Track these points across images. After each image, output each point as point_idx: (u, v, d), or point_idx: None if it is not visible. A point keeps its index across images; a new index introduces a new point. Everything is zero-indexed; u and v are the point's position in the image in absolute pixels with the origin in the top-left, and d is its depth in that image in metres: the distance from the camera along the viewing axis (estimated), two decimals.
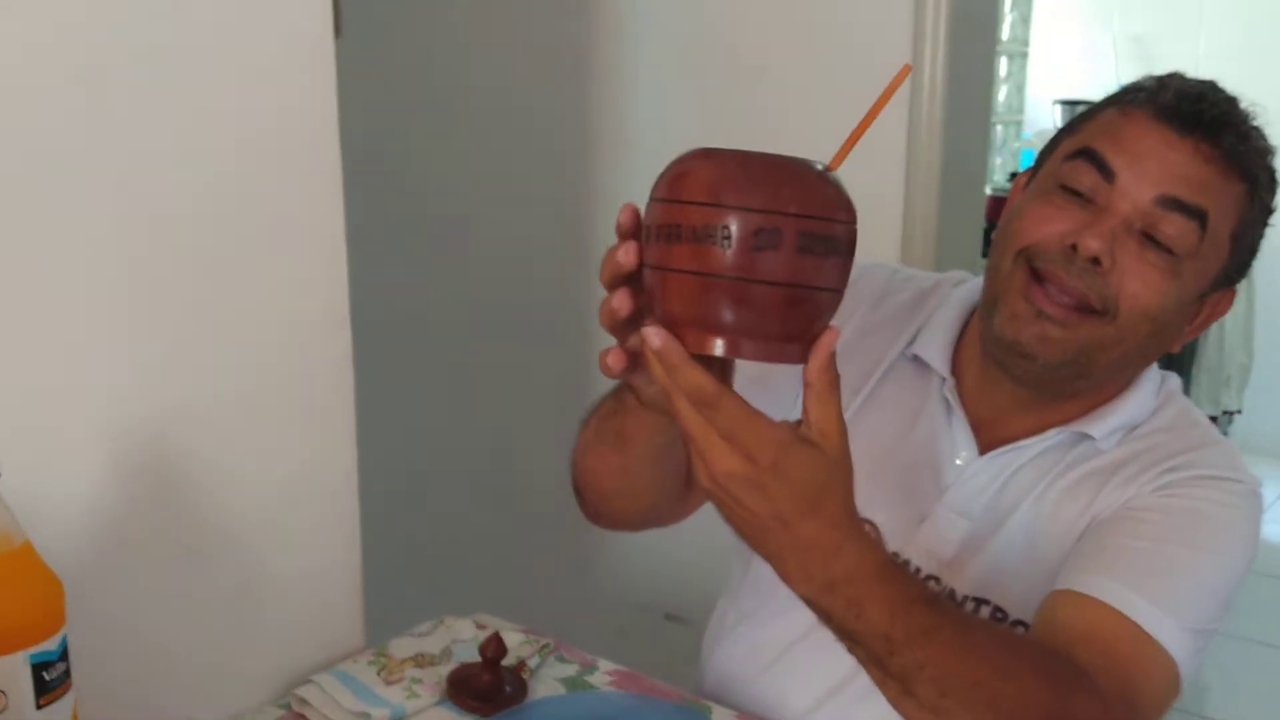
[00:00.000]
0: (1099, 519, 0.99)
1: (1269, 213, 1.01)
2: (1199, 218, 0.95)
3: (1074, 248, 0.95)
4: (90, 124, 0.88)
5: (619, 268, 0.72)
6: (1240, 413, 3.78)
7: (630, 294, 0.72)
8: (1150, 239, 0.95)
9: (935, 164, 1.70)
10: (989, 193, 2.41)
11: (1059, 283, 0.95)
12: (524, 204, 2.15)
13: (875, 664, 0.78)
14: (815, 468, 0.70)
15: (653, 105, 1.99)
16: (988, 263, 1.03)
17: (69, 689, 0.79)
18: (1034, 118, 4.32)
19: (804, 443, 0.70)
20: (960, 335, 1.08)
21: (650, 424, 0.85)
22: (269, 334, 1.04)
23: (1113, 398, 1.04)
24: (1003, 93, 4.23)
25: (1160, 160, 0.95)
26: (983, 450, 1.05)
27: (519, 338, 2.20)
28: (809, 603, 0.76)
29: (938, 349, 1.08)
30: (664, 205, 0.68)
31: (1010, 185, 1.12)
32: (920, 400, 1.08)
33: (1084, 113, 1.04)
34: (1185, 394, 1.10)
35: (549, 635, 1.18)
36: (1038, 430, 1.03)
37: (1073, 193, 0.97)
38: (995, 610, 1.01)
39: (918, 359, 1.09)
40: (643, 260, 0.70)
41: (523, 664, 1.12)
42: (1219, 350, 3.61)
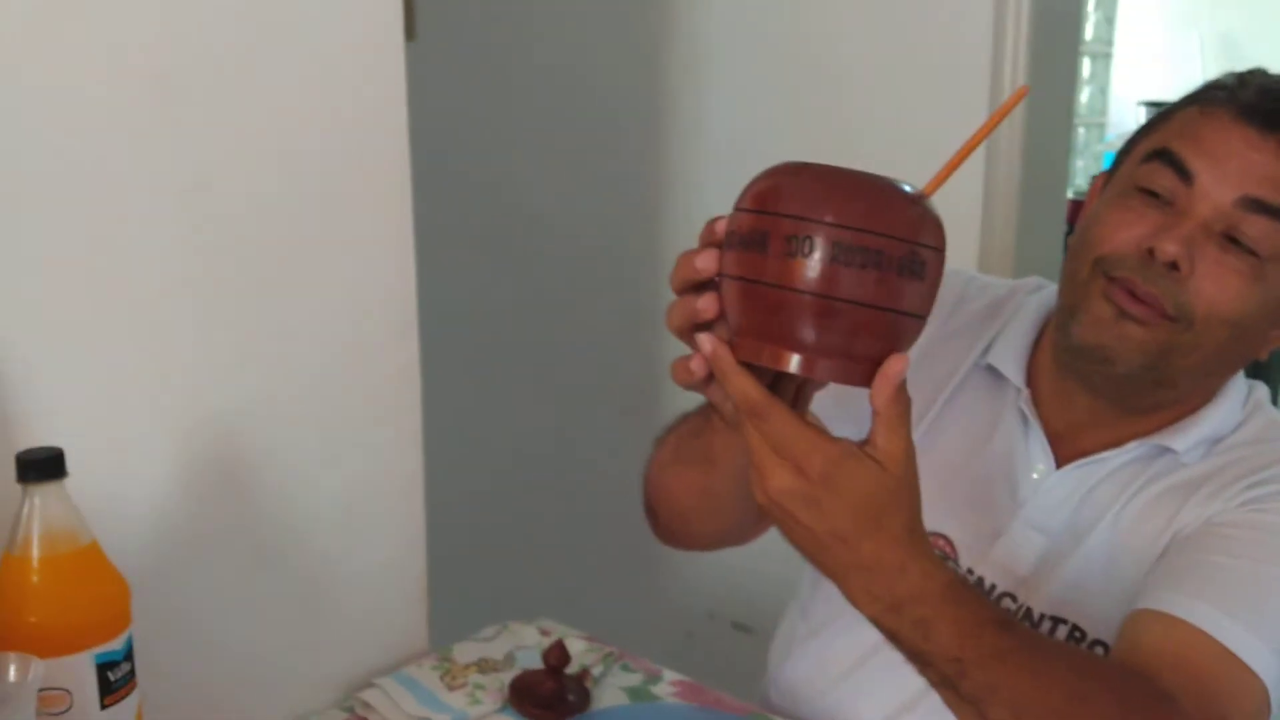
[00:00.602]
0: (1181, 535, 0.95)
1: None
2: None
3: (1151, 252, 0.92)
4: (163, 127, 0.89)
5: (696, 274, 0.71)
6: None
7: (717, 297, 0.71)
8: (1232, 241, 0.92)
9: (1015, 168, 1.66)
10: (1070, 196, 2.36)
11: (1134, 288, 0.92)
12: (595, 206, 2.15)
13: (948, 686, 0.76)
14: (873, 483, 0.69)
15: (726, 107, 1.97)
16: (1064, 269, 1.00)
17: (133, 689, 0.79)
18: (1118, 119, 4.23)
19: (859, 458, 0.69)
20: (1035, 344, 1.06)
21: (738, 443, 0.83)
22: (338, 335, 1.05)
23: (1196, 409, 1.00)
24: (1085, 94, 4.15)
25: (1242, 161, 0.91)
26: (1060, 463, 1.02)
27: (588, 340, 2.19)
28: (875, 623, 0.74)
29: (1012, 359, 1.05)
30: (748, 215, 0.67)
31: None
32: (996, 412, 1.05)
33: (1162, 112, 1.00)
34: (1276, 404, 1.06)
35: (613, 640, 1.17)
36: (1117, 443, 1.00)
37: (1150, 194, 0.94)
38: (1073, 629, 0.98)
39: (992, 369, 1.06)
40: (720, 269, 0.69)
41: (586, 672, 1.10)
42: None
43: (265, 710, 1.04)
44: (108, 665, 0.77)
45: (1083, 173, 4.12)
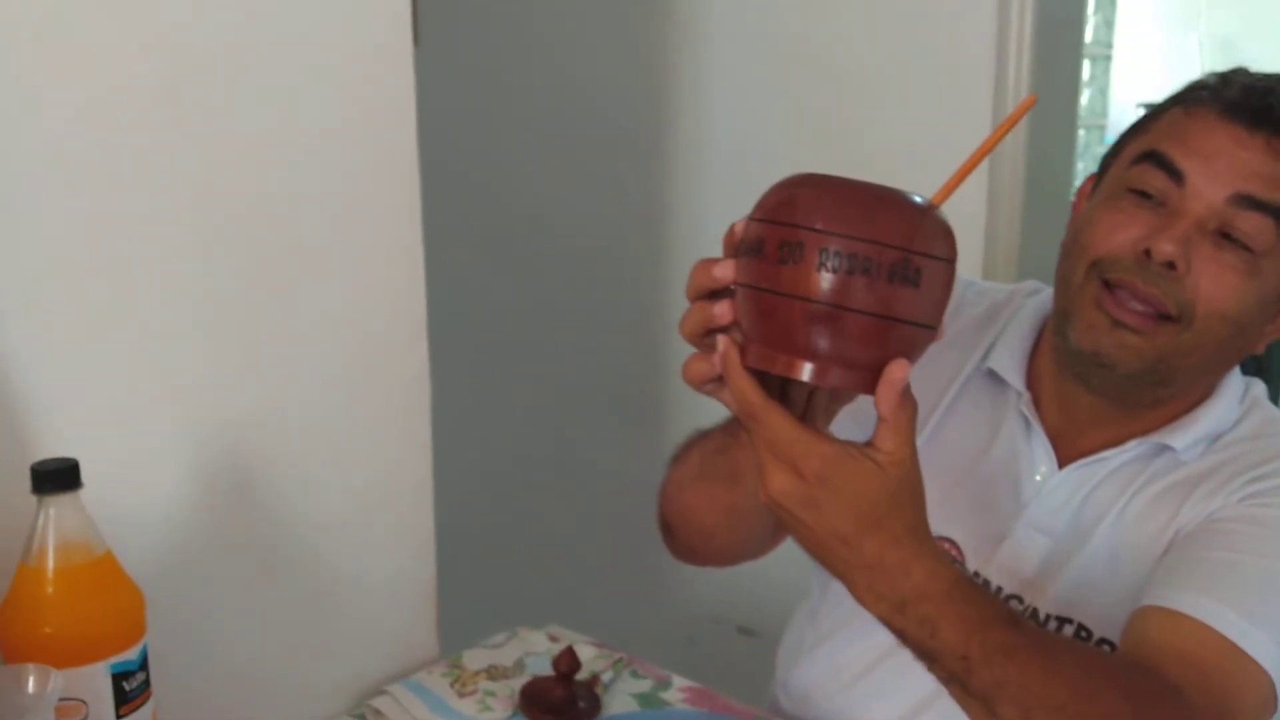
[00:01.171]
0: (1184, 532, 0.96)
1: None
2: (1275, 214, 0.92)
3: (1147, 253, 0.92)
4: (172, 134, 0.89)
5: (714, 282, 0.71)
6: None
7: (732, 304, 0.71)
8: (1227, 238, 0.92)
9: (1019, 172, 1.67)
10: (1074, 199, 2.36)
11: (1133, 289, 0.93)
12: (598, 209, 2.15)
13: (956, 683, 0.77)
14: (870, 484, 0.70)
15: (729, 110, 1.97)
16: (1058, 273, 1.01)
17: (149, 699, 0.80)
18: (1118, 121, 4.23)
19: (856, 458, 0.70)
20: (1035, 347, 1.07)
21: None
22: (347, 343, 1.05)
23: (1194, 406, 1.01)
24: (1086, 96, 4.16)
25: (1230, 159, 0.92)
26: (1062, 464, 1.02)
27: (594, 345, 2.19)
28: (883, 621, 0.75)
29: (1012, 363, 1.06)
30: (760, 225, 0.68)
31: None
32: (997, 415, 1.06)
33: (1148, 114, 1.01)
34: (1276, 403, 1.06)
35: (618, 645, 1.17)
36: (1117, 442, 1.01)
37: (1142, 195, 0.95)
38: (1079, 629, 0.98)
39: (992, 373, 1.07)
40: (735, 278, 0.70)
41: (596, 678, 1.11)
42: None
43: (276, 717, 1.04)
44: (123, 675, 0.77)
45: (1083, 175, 4.12)
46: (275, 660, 1.04)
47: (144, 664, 0.79)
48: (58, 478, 0.74)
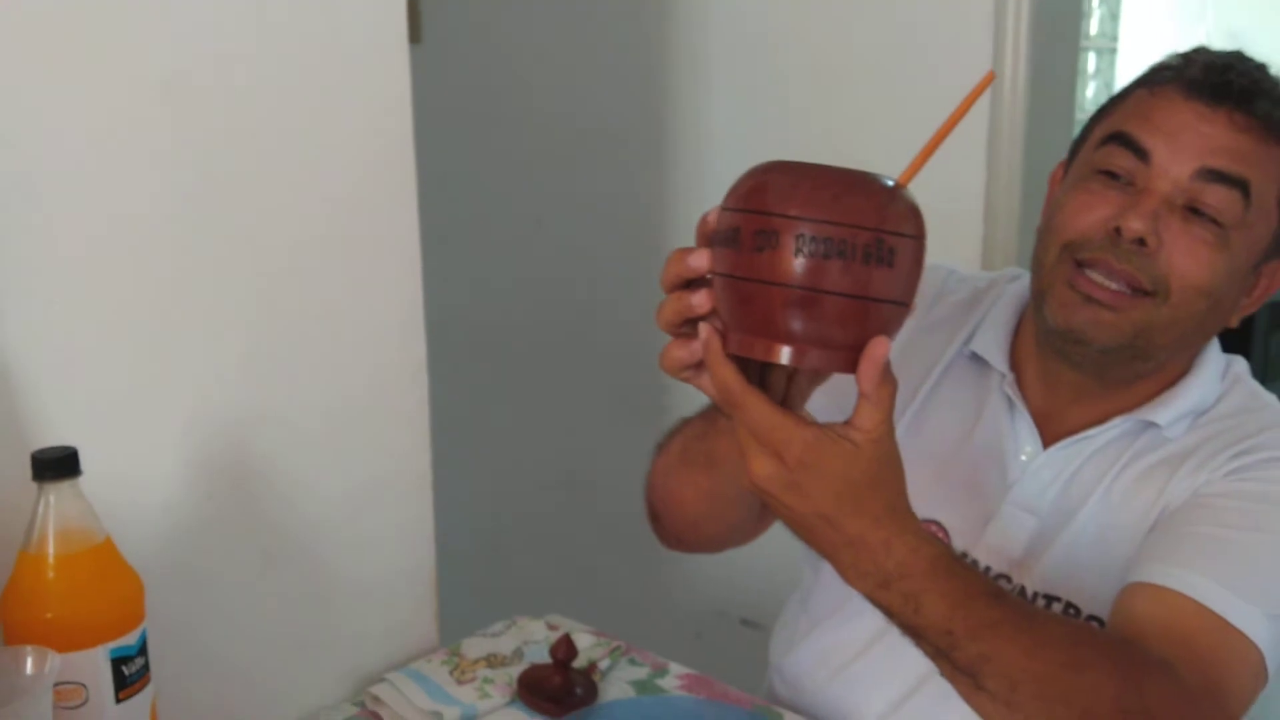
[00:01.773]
0: (1170, 508, 0.97)
1: None
2: (1241, 187, 0.93)
3: (1118, 231, 0.94)
4: (170, 132, 0.91)
5: (689, 272, 0.72)
6: None
7: (710, 293, 0.72)
8: (1195, 212, 0.94)
9: (1017, 166, 1.67)
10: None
11: (1108, 267, 0.95)
12: (599, 208, 2.16)
13: (942, 658, 0.78)
14: (850, 464, 0.71)
15: (730, 108, 1.98)
16: (1033, 257, 1.03)
17: (148, 683, 0.81)
18: None
19: (834, 440, 0.71)
20: (1017, 330, 1.08)
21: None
22: (346, 340, 1.06)
23: (1175, 381, 1.02)
24: (1091, 89, 4.15)
25: (1194, 134, 0.94)
26: (1047, 444, 1.03)
27: (592, 340, 2.20)
28: (868, 598, 0.76)
29: (995, 345, 1.07)
30: (733, 214, 0.69)
31: None
32: (981, 398, 1.07)
33: (1114, 97, 1.03)
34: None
35: (622, 639, 1.18)
36: (1101, 420, 1.02)
37: (1110, 176, 0.97)
38: (1068, 606, 0.99)
39: (976, 356, 1.08)
40: (711, 267, 0.71)
41: (594, 666, 1.12)
42: None
43: (278, 705, 1.05)
44: (122, 660, 0.78)
45: None
46: (277, 649, 1.05)
47: (143, 649, 0.80)
48: (57, 465, 0.76)
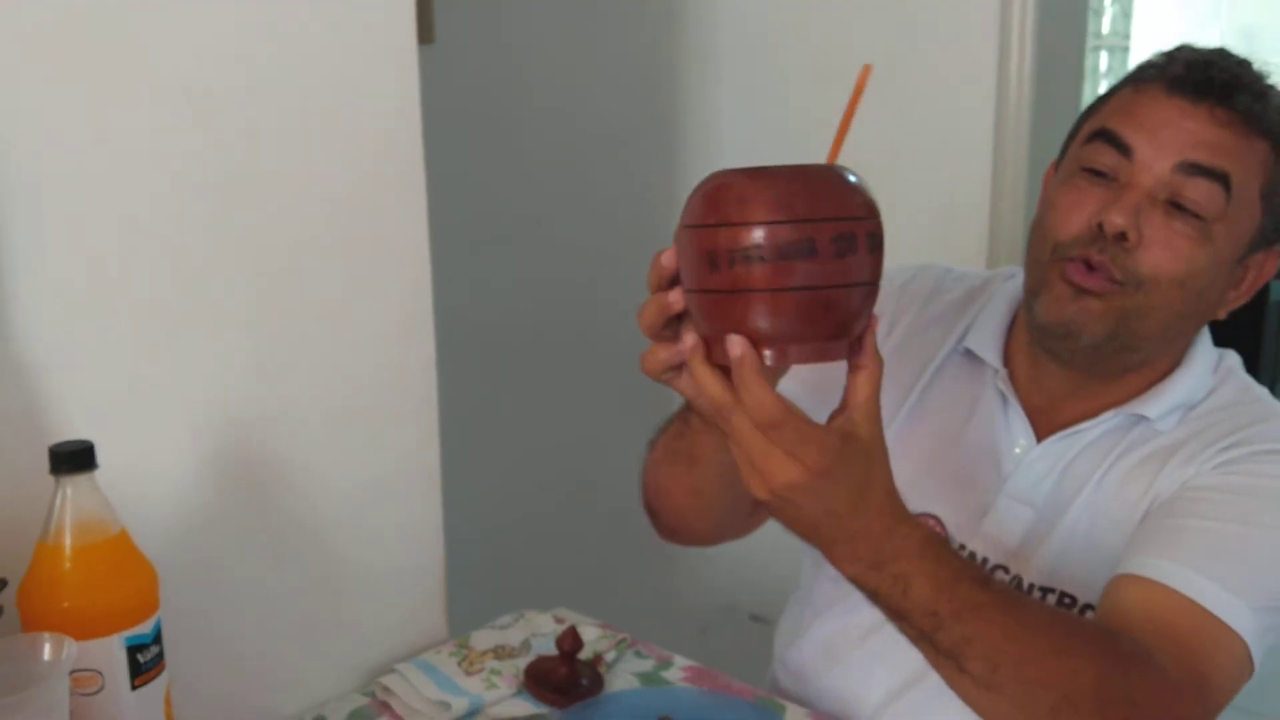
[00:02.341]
0: (1160, 500, 0.98)
1: None
2: (1221, 180, 0.95)
3: (1100, 226, 0.96)
4: (184, 134, 0.92)
5: (668, 272, 0.74)
6: None
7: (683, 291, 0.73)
8: (1176, 207, 0.95)
9: (1023, 163, 1.68)
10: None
11: (1089, 260, 0.96)
12: (606, 209, 2.17)
13: (925, 641, 0.80)
14: (859, 461, 0.72)
15: (738, 109, 1.99)
16: (1026, 255, 1.05)
17: (162, 671, 0.83)
18: None
19: (849, 440, 0.72)
20: (1010, 327, 1.09)
21: (716, 441, 0.87)
22: (355, 337, 1.08)
23: (1165, 375, 1.03)
24: (1103, 87, 4.13)
25: (1176, 129, 0.95)
26: (1040, 438, 1.05)
27: (599, 338, 2.21)
28: (856, 581, 0.78)
29: (989, 341, 1.08)
30: (693, 231, 0.70)
31: None
32: (975, 393, 1.09)
33: (1101, 96, 1.05)
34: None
35: (631, 634, 1.19)
36: (1093, 414, 1.04)
37: (1095, 173, 0.98)
38: (1063, 597, 1.01)
39: (970, 353, 1.10)
40: (684, 286, 0.72)
41: (599, 658, 1.13)
42: None
43: (289, 694, 1.07)
44: (137, 648, 0.80)
45: None
46: (288, 640, 1.07)
47: (158, 638, 0.82)
48: (74, 459, 0.77)
